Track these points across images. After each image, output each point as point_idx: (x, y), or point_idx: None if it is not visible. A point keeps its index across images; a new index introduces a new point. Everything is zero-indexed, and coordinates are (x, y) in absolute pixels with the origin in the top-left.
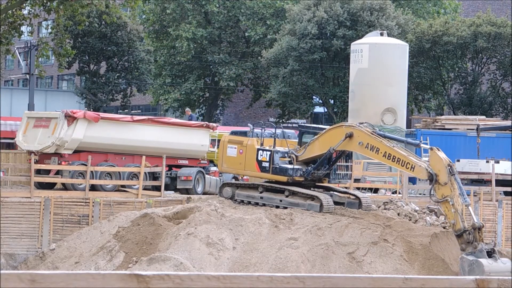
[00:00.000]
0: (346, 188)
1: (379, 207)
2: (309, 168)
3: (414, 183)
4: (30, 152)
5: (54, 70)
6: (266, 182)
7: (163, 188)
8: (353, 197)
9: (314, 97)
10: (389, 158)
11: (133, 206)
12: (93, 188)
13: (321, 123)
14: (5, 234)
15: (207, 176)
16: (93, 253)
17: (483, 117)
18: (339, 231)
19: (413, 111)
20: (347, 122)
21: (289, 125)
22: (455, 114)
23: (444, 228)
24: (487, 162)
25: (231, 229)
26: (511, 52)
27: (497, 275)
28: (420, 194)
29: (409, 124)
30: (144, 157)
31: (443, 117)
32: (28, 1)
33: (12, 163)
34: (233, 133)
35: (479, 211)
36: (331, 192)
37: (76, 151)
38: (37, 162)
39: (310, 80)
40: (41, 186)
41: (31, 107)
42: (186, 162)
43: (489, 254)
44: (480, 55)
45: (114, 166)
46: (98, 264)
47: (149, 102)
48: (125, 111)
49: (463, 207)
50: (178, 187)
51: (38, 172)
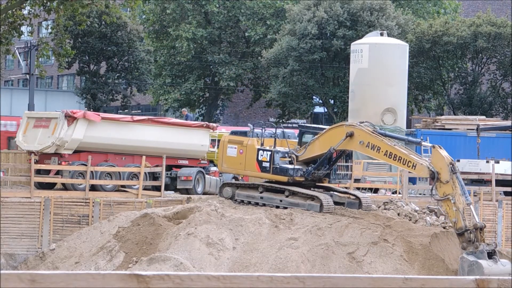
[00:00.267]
0: (346, 188)
1: (379, 207)
2: (309, 168)
3: (414, 183)
4: (30, 152)
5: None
6: (266, 182)
7: (163, 188)
8: (353, 197)
9: (314, 97)
10: (390, 156)
11: (133, 206)
12: (93, 188)
13: (321, 123)
14: (5, 234)
15: (207, 176)
16: (93, 253)
17: (483, 117)
18: (339, 231)
19: (413, 111)
20: (347, 122)
21: (289, 125)
22: (455, 114)
23: (444, 228)
24: (487, 162)
25: (231, 229)
26: (511, 52)
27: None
28: (420, 194)
29: (409, 124)
30: (144, 157)
31: (443, 117)
32: (28, 1)
33: (12, 163)
34: (233, 133)
35: (479, 211)
36: (331, 192)
37: (76, 151)
38: (37, 162)
39: (310, 80)
40: (41, 186)
41: (31, 107)
42: (186, 162)
43: (489, 255)
44: (480, 55)
45: (114, 166)
46: (98, 264)
47: (149, 102)
48: (125, 111)
49: (465, 205)
50: (178, 187)
51: (38, 172)
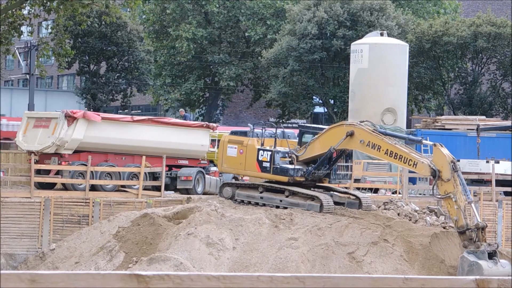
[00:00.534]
0: (346, 188)
1: (379, 207)
2: (309, 168)
3: (414, 183)
4: (30, 152)
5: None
6: (266, 182)
7: (163, 188)
8: (353, 197)
9: (314, 97)
10: (391, 155)
11: (133, 206)
12: (93, 188)
13: (321, 123)
14: (5, 234)
15: (207, 176)
16: (93, 253)
17: (483, 117)
18: (339, 231)
19: (413, 111)
20: (347, 121)
21: (289, 125)
22: (455, 114)
23: (444, 228)
24: (487, 162)
25: (231, 229)
26: (511, 52)
27: None
28: (420, 194)
29: (409, 124)
30: (144, 157)
31: (443, 117)
32: (28, 1)
33: (12, 163)
34: (233, 133)
35: (479, 211)
36: (331, 192)
37: (76, 151)
38: (37, 162)
39: (310, 80)
40: (41, 186)
41: (31, 107)
42: (186, 162)
43: (490, 255)
44: (480, 55)
45: (114, 166)
46: (98, 264)
47: (149, 102)
48: (125, 111)
49: (466, 203)
50: (178, 187)
51: (38, 172)
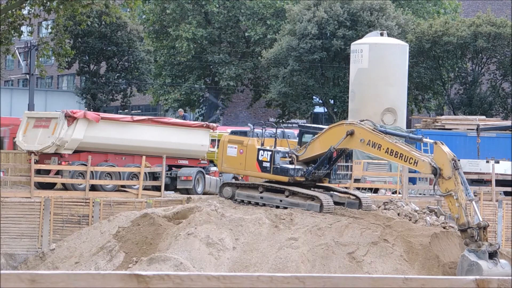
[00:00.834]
0: (346, 188)
1: (379, 207)
2: (309, 168)
3: (414, 183)
4: (30, 152)
5: (54, 70)
6: (266, 182)
7: (163, 188)
8: (353, 197)
9: (314, 97)
10: (391, 154)
11: (133, 206)
12: (93, 188)
13: (321, 123)
14: (5, 234)
15: (207, 176)
16: (93, 253)
17: (483, 117)
18: (339, 231)
19: (413, 111)
20: (347, 120)
21: (289, 125)
22: (455, 114)
23: (444, 228)
24: (487, 162)
25: (231, 229)
26: (511, 52)
27: None
28: (420, 194)
29: (409, 124)
30: (144, 157)
31: (443, 117)
32: (28, 1)
33: (12, 163)
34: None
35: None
36: (331, 192)
37: (76, 151)
38: (37, 162)
39: (310, 80)
40: (41, 186)
41: (31, 107)
42: (186, 162)
43: (490, 255)
44: (480, 55)
45: (114, 166)
46: (98, 264)
47: (149, 102)
48: (125, 111)
49: (467, 201)
50: (178, 187)
51: (38, 172)
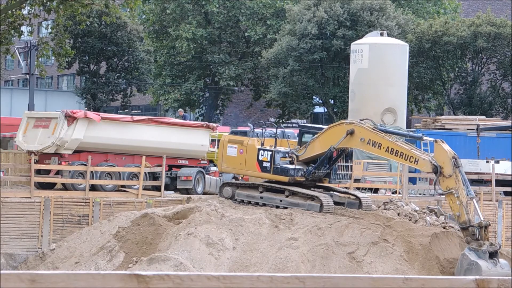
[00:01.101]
0: (346, 188)
1: (379, 207)
2: (309, 168)
3: (414, 183)
4: (30, 152)
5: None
6: (266, 182)
7: (163, 188)
8: (353, 197)
9: (314, 97)
10: (391, 152)
11: (133, 206)
12: (93, 188)
13: (321, 123)
14: (5, 234)
15: (207, 176)
16: (93, 253)
17: (483, 117)
18: (339, 231)
19: (413, 111)
20: (347, 120)
21: (289, 125)
22: (455, 114)
23: (444, 228)
24: (487, 162)
25: (231, 229)
26: (511, 52)
27: None
28: (420, 194)
29: (409, 124)
30: (144, 157)
31: (443, 117)
32: (28, 1)
33: (12, 163)
34: (233, 132)
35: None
36: (331, 192)
37: (76, 151)
38: (37, 162)
39: (310, 80)
40: (41, 186)
41: (31, 107)
42: (186, 162)
43: (491, 255)
44: (480, 55)
45: (114, 166)
46: (98, 264)
47: (149, 102)
48: (125, 111)
49: (467, 199)
50: (178, 187)
51: (38, 172)
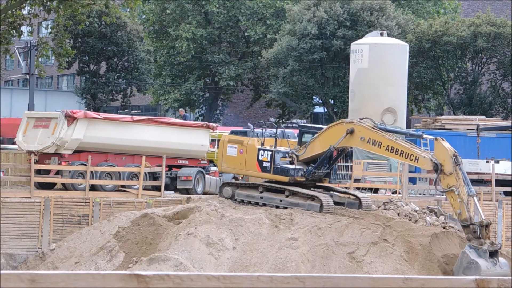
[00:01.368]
0: (346, 188)
1: (379, 207)
2: (309, 168)
3: (414, 183)
4: (30, 152)
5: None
6: (266, 182)
7: (163, 188)
8: (353, 197)
9: (314, 97)
10: (392, 151)
11: (133, 206)
12: (93, 188)
13: (321, 123)
14: (5, 234)
15: (207, 176)
16: (93, 253)
17: (483, 117)
18: (339, 231)
19: (413, 111)
20: (347, 119)
21: (289, 125)
22: (455, 114)
23: (444, 228)
24: (487, 162)
25: (231, 229)
26: (511, 52)
27: None
28: (420, 194)
29: (409, 124)
30: (144, 157)
31: (443, 117)
32: (28, 1)
33: (12, 163)
34: (233, 132)
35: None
36: (331, 192)
37: (76, 151)
38: (37, 162)
39: (310, 80)
40: (41, 186)
41: (31, 107)
42: (186, 162)
43: (491, 254)
44: (480, 55)
45: (114, 166)
46: (98, 264)
47: (149, 102)
48: (125, 111)
49: (468, 197)
50: (178, 187)
51: (38, 172)
